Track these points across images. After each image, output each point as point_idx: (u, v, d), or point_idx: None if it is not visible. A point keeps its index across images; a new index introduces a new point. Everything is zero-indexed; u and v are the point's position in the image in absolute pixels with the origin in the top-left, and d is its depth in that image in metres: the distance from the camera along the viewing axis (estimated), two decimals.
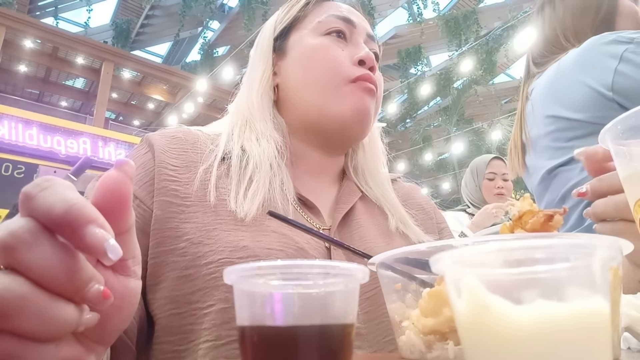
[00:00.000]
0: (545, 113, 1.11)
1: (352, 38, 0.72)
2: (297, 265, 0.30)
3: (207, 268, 0.53)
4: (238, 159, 0.63)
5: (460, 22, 10.93)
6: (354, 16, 0.74)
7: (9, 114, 7.18)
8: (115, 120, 12.89)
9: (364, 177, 0.76)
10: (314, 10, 0.74)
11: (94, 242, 0.27)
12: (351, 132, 0.70)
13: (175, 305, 0.54)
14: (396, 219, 0.71)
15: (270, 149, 0.64)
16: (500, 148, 10.54)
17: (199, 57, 11.86)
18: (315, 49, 0.69)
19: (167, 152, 0.62)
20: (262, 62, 0.73)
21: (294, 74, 0.70)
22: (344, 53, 0.69)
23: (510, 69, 12.96)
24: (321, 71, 0.67)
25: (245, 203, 0.58)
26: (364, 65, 0.69)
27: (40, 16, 10.98)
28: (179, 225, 0.56)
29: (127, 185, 0.31)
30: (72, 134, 7.62)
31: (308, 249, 0.58)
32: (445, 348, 0.38)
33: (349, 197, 0.70)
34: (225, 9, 11.85)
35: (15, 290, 0.26)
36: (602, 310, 0.25)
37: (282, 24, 0.75)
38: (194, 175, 0.60)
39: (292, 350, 0.29)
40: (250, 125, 0.69)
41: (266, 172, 0.62)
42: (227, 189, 0.60)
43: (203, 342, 0.51)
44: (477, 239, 0.36)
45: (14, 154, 6.84)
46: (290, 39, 0.73)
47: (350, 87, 0.67)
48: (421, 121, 13.63)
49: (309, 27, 0.72)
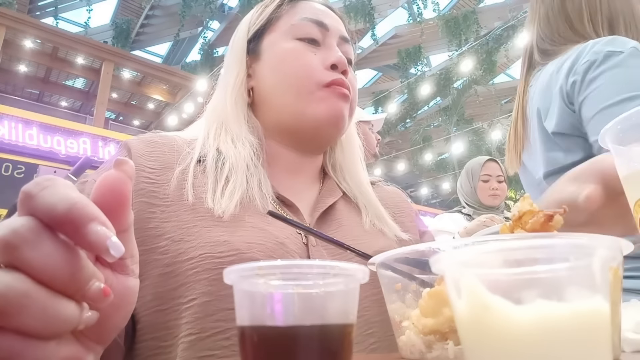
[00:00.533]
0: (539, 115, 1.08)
1: (325, 41, 0.72)
2: (297, 265, 0.30)
3: (188, 263, 0.54)
4: (214, 160, 0.64)
5: (460, 22, 10.93)
6: (327, 18, 0.73)
7: (9, 114, 7.18)
8: (115, 120, 12.89)
9: (342, 174, 0.77)
10: (288, 11, 0.73)
11: (96, 239, 0.27)
12: (326, 135, 0.71)
13: (159, 302, 0.55)
14: (371, 214, 0.71)
15: (246, 151, 0.65)
16: (500, 148, 10.54)
17: (199, 57, 11.87)
18: (288, 53, 0.70)
19: (144, 156, 0.63)
20: (236, 65, 0.73)
21: (268, 78, 0.71)
22: (316, 58, 0.69)
23: (510, 69, 12.96)
24: (294, 76, 0.68)
25: (222, 201, 0.59)
26: (336, 70, 0.69)
27: (40, 16, 10.98)
28: (159, 224, 0.57)
29: (127, 185, 0.31)
30: (72, 134, 7.61)
31: (287, 243, 0.59)
32: (445, 348, 0.38)
33: (329, 197, 0.71)
34: (225, 9, 11.85)
35: (17, 288, 0.26)
36: (602, 310, 0.25)
37: (255, 26, 0.75)
38: (171, 176, 0.61)
39: (292, 350, 0.29)
40: (226, 127, 0.69)
41: (243, 172, 0.63)
42: (204, 188, 0.61)
43: (185, 336, 0.52)
44: (477, 239, 0.36)
45: (14, 154, 6.83)
46: (263, 41, 0.73)
47: (323, 92, 0.68)
48: (421, 121, 13.63)
49: (282, 29, 0.72)
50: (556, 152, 1.03)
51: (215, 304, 0.52)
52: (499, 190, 2.27)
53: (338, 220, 0.69)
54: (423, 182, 14.76)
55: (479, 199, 2.29)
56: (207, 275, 0.53)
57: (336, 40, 0.73)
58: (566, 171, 1.00)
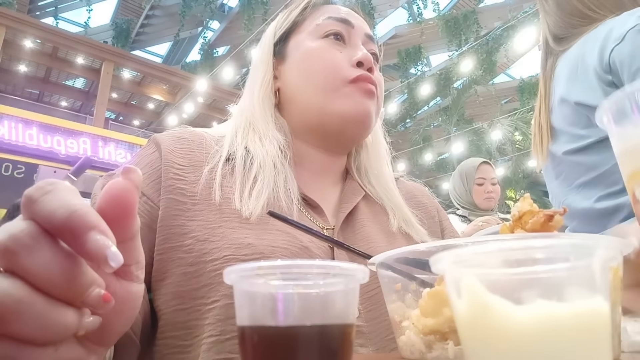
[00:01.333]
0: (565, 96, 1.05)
1: (350, 39, 0.72)
2: (297, 265, 0.30)
3: (212, 264, 0.54)
4: (242, 159, 0.64)
5: (460, 22, 10.93)
6: (352, 17, 0.74)
7: (9, 114, 7.18)
8: (115, 120, 12.89)
9: (367, 177, 0.77)
10: (312, 13, 0.75)
11: (94, 248, 0.27)
12: (352, 132, 0.70)
13: (180, 301, 0.54)
14: (398, 218, 0.71)
15: (274, 149, 0.66)
16: (500, 148, 10.54)
17: (199, 57, 11.86)
18: (313, 52, 0.70)
19: (174, 152, 0.63)
20: (263, 67, 0.74)
21: (293, 77, 0.71)
22: (342, 55, 0.69)
23: (510, 69, 12.96)
24: (320, 73, 0.68)
25: (250, 202, 0.59)
26: (362, 67, 0.69)
27: (40, 16, 10.97)
28: (185, 222, 0.57)
29: (133, 194, 0.31)
30: (72, 134, 7.61)
31: (312, 248, 0.59)
32: (445, 348, 0.38)
33: (352, 197, 0.71)
34: (225, 9, 11.84)
35: (14, 295, 0.26)
36: (602, 310, 0.25)
37: (281, 29, 0.76)
38: (199, 174, 0.61)
39: (292, 350, 0.29)
40: (254, 127, 0.70)
41: (270, 171, 0.63)
42: (231, 188, 0.61)
43: (207, 337, 0.52)
44: (477, 239, 0.36)
45: (14, 154, 6.83)
46: (289, 43, 0.74)
47: (349, 88, 0.68)
48: (421, 121, 13.62)
49: (308, 30, 0.73)
50: (584, 129, 1.00)
51: None
52: (493, 193, 2.30)
53: (361, 220, 0.69)
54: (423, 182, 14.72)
55: (473, 201, 2.31)
56: None
57: (361, 39, 0.73)
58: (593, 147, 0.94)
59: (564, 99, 1.06)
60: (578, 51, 1.02)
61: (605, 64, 0.92)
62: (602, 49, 0.93)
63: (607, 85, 0.93)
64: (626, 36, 0.88)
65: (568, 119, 1.05)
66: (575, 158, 1.05)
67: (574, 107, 1.02)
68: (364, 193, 0.73)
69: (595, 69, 0.94)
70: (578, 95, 1.01)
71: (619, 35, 0.90)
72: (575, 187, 1.05)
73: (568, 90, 1.04)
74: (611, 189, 0.96)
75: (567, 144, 1.06)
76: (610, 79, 0.91)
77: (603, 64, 0.92)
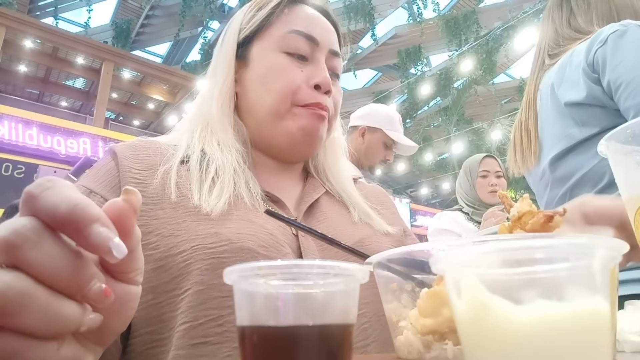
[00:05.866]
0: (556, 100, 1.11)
1: (313, 56, 0.72)
2: (297, 265, 0.30)
3: (180, 257, 0.55)
4: (198, 160, 0.66)
5: (460, 22, 10.93)
6: (318, 29, 0.73)
7: (9, 114, 7.17)
8: (115, 120, 12.88)
9: (325, 175, 0.80)
10: (280, 17, 0.73)
11: (98, 240, 0.27)
12: (301, 150, 0.74)
13: (153, 296, 0.55)
14: (358, 211, 0.74)
15: (233, 157, 0.67)
16: (500, 148, 10.53)
17: (199, 57, 11.85)
18: (274, 67, 0.70)
19: (130, 158, 0.65)
20: (224, 68, 0.74)
21: (252, 87, 0.72)
22: (301, 75, 0.70)
23: (510, 69, 12.95)
24: (277, 91, 0.69)
25: (210, 199, 0.60)
26: (320, 90, 0.70)
27: (40, 16, 10.97)
28: (148, 222, 0.58)
29: (131, 217, 0.31)
30: (72, 134, 7.60)
31: (277, 234, 0.61)
32: (443, 348, 0.38)
33: (313, 192, 0.74)
34: (225, 9, 11.85)
35: (17, 287, 0.26)
36: (602, 310, 0.25)
37: (246, 30, 0.74)
38: (155, 175, 0.63)
39: (292, 350, 0.29)
40: (211, 129, 0.71)
41: (230, 174, 0.65)
42: (188, 187, 0.63)
43: (180, 325, 0.53)
44: (477, 239, 0.36)
45: (14, 154, 6.83)
46: (253, 48, 0.73)
47: (300, 110, 0.70)
48: (421, 121, 13.63)
49: (272, 39, 0.72)
50: (571, 128, 1.06)
51: (208, 292, 0.53)
52: (497, 186, 2.22)
53: (323, 212, 0.71)
54: (423, 182, 14.75)
55: (478, 196, 2.25)
56: (199, 265, 0.54)
57: (325, 55, 0.73)
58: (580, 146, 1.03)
59: (553, 101, 1.12)
60: (566, 58, 1.12)
61: (590, 63, 1.01)
62: (589, 50, 1.02)
63: (592, 82, 1.01)
64: (608, 39, 0.99)
65: (556, 124, 1.10)
66: (562, 161, 1.09)
67: (562, 110, 1.08)
68: (325, 190, 0.76)
69: (583, 67, 1.03)
70: (566, 93, 1.07)
71: (602, 38, 1.00)
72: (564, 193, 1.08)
73: (556, 93, 1.11)
74: (599, 186, 1.00)
75: (554, 149, 1.11)
76: (596, 76, 1.00)
77: (588, 63, 1.02)
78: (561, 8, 1.22)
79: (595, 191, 1.00)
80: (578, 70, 1.04)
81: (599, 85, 0.99)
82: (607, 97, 0.98)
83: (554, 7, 1.25)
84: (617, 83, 0.94)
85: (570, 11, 1.20)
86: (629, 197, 0.41)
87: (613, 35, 0.98)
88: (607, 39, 0.98)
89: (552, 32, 1.22)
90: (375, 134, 2.14)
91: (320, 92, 0.70)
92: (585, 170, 1.03)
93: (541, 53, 1.25)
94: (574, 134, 1.05)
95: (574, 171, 1.06)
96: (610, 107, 0.98)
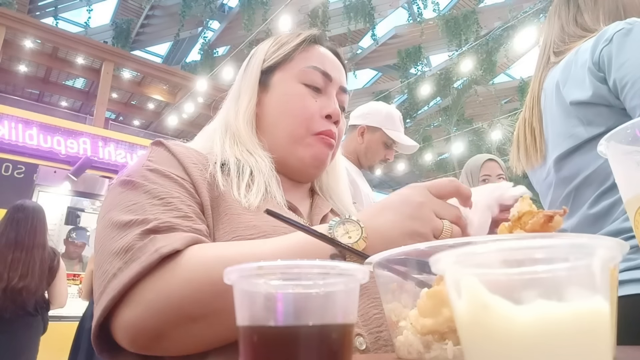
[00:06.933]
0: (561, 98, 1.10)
1: (326, 89, 0.82)
2: (297, 265, 0.30)
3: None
4: (235, 163, 0.74)
5: (460, 22, 10.92)
6: (333, 69, 0.84)
7: (9, 114, 7.16)
8: (115, 120, 12.86)
9: (328, 194, 0.90)
10: (301, 54, 0.83)
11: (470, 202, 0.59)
12: (309, 173, 0.83)
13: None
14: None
15: (265, 162, 0.76)
16: (500, 148, 10.54)
17: (199, 57, 11.84)
18: (293, 95, 0.80)
19: (183, 153, 0.72)
20: (249, 91, 0.83)
21: (271, 112, 0.81)
22: (316, 105, 0.80)
23: (510, 69, 12.95)
24: (293, 118, 0.79)
25: (249, 195, 0.69)
26: (330, 120, 0.81)
27: (40, 16, 10.96)
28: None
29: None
30: (72, 134, 7.59)
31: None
32: (443, 348, 0.38)
33: (322, 206, 0.83)
34: (225, 9, 11.83)
35: None
36: (602, 310, 0.25)
37: (270, 61, 0.84)
38: (206, 170, 0.71)
39: (292, 350, 0.29)
40: (240, 142, 0.79)
41: (264, 175, 0.73)
42: (229, 186, 0.70)
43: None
44: (476, 239, 0.36)
45: (14, 154, 6.82)
46: (274, 76, 0.83)
47: (312, 139, 0.79)
48: (421, 121, 13.62)
49: (293, 71, 0.82)
50: (577, 128, 1.06)
51: None
52: None
53: None
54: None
55: None
56: None
57: (336, 90, 0.84)
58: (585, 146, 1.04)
59: (558, 100, 1.10)
60: (571, 57, 1.10)
61: (595, 62, 1.01)
62: (594, 48, 1.02)
63: (598, 81, 1.00)
64: (613, 38, 0.98)
65: (561, 123, 1.09)
66: (567, 161, 1.08)
67: (568, 109, 1.07)
68: (331, 207, 0.85)
69: (589, 66, 1.02)
70: (571, 92, 1.06)
71: (608, 36, 0.99)
72: (568, 193, 1.08)
73: (561, 92, 1.09)
74: (604, 186, 0.99)
75: (559, 148, 1.10)
76: (602, 75, 1.00)
77: (594, 61, 1.01)
78: (568, 5, 1.22)
79: (600, 191, 1.00)
80: (584, 69, 1.03)
81: (605, 84, 0.99)
82: (613, 96, 0.97)
83: (561, 4, 1.24)
84: (623, 82, 0.94)
85: (577, 8, 1.20)
86: (630, 197, 0.41)
87: (618, 33, 0.97)
88: (612, 38, 0.98)
89: (558, 29, 1.22)
90: (375, 134, 2.13)
91: (330, 122, 0.81)
92: (590, 170, 1.02)
93: (546, 50, 1.24)
94: (580, 133, 1.04)
95: (578, 171, 1.05)
96: (616, 106, 0.98)
